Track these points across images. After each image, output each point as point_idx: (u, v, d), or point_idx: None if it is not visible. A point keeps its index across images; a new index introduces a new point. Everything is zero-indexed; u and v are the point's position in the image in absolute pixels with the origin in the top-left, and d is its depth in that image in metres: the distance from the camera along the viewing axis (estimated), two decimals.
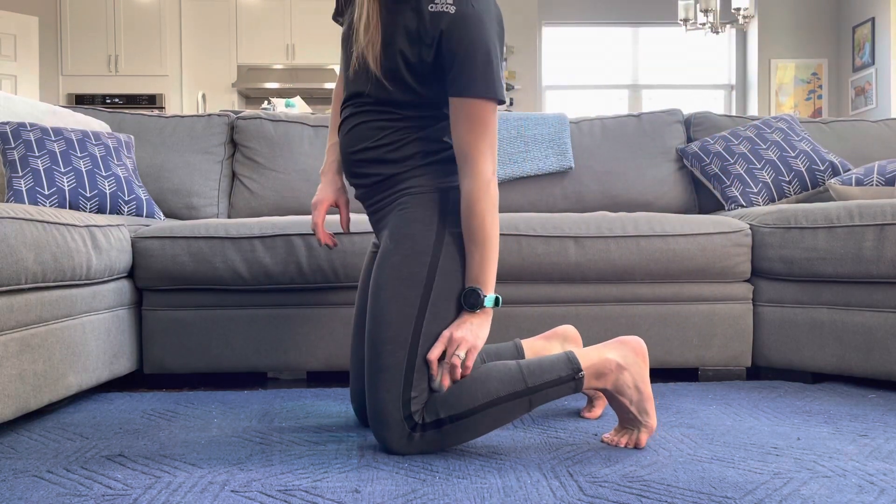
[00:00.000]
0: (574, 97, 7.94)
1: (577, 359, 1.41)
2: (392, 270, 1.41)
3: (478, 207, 1.39)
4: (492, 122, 1.40)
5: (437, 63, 1.39)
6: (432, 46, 1.38)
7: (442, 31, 1.36)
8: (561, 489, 1.19)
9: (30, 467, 1.32)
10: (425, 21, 1.38)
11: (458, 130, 1.41)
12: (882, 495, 1.16)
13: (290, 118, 2.76)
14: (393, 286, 1.40)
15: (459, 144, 1.41)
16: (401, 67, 1.41)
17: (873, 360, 1.95)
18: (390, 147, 1.47)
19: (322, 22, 7.30)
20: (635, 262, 2.07)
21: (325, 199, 1.66)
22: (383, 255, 1.44)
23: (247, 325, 2.04)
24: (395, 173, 1.48)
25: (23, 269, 1.49)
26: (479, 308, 1.40)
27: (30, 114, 2.34)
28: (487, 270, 1.41)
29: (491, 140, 1.40)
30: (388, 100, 1.45)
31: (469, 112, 1.39)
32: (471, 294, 1.40)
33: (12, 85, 6.71)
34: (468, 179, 1.40)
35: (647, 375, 1.44)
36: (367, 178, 1.51)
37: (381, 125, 1.47)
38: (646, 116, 2.85)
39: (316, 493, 1.17)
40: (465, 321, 1.40)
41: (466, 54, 1.35)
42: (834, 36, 7.45)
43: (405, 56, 1.40)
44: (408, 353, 1.36)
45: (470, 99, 1.38)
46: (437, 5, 1.37)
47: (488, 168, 1.40)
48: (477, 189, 1.39)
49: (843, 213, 1.99)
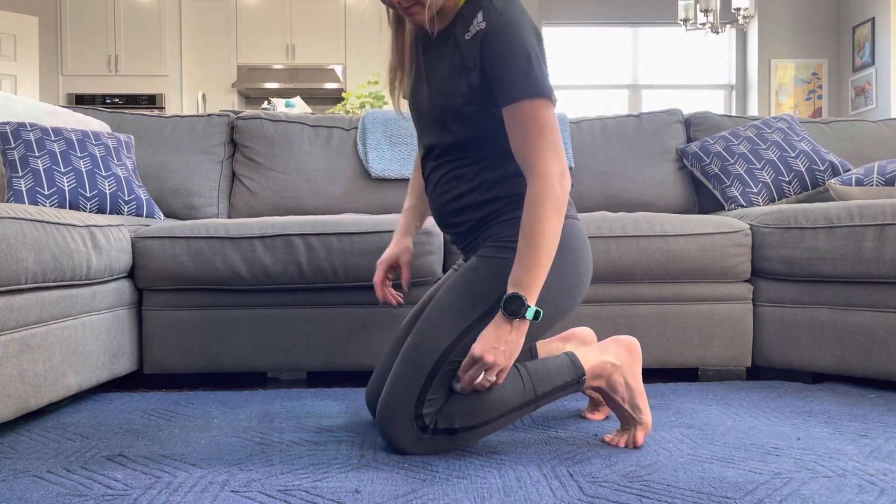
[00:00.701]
0: (574, 97, 7.93)
1: (580, 363, 1.43)
2: (466, 284, 1.41)
3: (537, 208, 1.31)
4: (547, 122, 1.33)
5: (485, 84, 1.37)
6: (476, 69, 1.37)
7: (481, 48, 1.35)
8: (561, 489, 1.19)
9: (30, 467, 1.32)
10: (464, 50, 1.39)
11: (515, 140, 1.35)
12: (882, 495, 1.16)
13: (290, 118, 2.76)
14: (459, 297, 1.40)
15: (518, 153, 1.36)
16: (457, 102, 1.40)
17: (873, 360, 1.95)
18: (477, 191, 1.46)
19: (322, 22, 7.30)
20: (635, 262, 2.07)
21: (387, 258, 1.68)
22: (468, 268, 1.44)
23: (247, 325, 2.04)
24: (488, 213, 1.46)
25: (23, 269, 1.49)
26: (519, 318, 1.31)
27: (30, 114, 2.34)
28: (535, 277, 1.31)
29: (550, 140, 1.33)
30: (458, 143, 1.45)
31: (520, 117, 1.34)
32: (514, 300, 1.30)
33: (12, 85, 6.71)
34: (531, 181, 1.33)
35: (639, 373, 1.46)
36: (461, 226, 1.51)
37: (461, 172, 1.47)
38: (646, 116, 2.85)
39: (316, 493, 1.17)
40: (500, 339, 1.31)
41: (506, 61, 1.33)
42: (834, 36, 7.45)
43: (457, 89, 1.40)
44: (438, 357, 1.36)
45: (517, 103, 1.33)
46: (471, 30, 1.38)
47: (552, 169, 1.32)
48: (540, 190, 1.32)
49: (843, 213, 1.99)
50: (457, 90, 1.40)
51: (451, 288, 1.43)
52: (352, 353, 2.06)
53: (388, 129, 2.73)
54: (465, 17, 1.41)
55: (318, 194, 2.64)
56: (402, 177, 2.66)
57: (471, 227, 1.49)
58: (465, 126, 1.43)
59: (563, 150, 1.35)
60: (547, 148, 1.33)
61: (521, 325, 1.32)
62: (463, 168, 1.47)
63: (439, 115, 1.45)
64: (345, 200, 2.65)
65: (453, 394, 1.38)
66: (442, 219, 1.54)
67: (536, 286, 1.32)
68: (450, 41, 1.43)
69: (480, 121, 1.42)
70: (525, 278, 1.31)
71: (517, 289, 1.31)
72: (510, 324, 1.31)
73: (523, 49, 1.33)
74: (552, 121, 1.34)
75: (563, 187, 1.33)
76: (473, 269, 1.43)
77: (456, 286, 1.42)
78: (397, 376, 1.38)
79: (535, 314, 1.32)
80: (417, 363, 1.37)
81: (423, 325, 1.41)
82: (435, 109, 1.45)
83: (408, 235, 1.71)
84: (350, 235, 2.01)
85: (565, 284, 1.42)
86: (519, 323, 1.32)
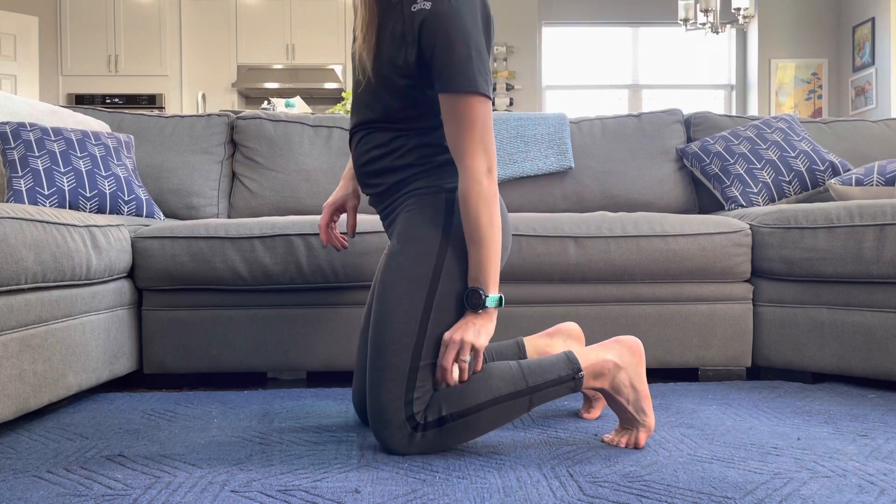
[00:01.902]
0: (574, 97, 7.93)
1: (576, 359, 1.42)
2: (398, 271, 1.41)
3: (470, 206, 1.36)
4: (479, 117, 1.36)
5: (421, 63, 1.38)
6: (414, 46, 1.38)
7: (420, 28, 1.36)
8: (561, 489, 1.19)
9: (30, 467, 1.32)
10: (407, 22, 1.38)
11: (447, 128, 1.39)
12: (882, 495, 1.16)
13: (290, 118, 2.76)
14: (398, 286, 1.40)
15: (450, 142, 1.40)
16: (392, 72, 1.41)
17: (873, 360, 1.95)
18: (394, 155, 1.48)
19: (322, 22, 7.30)
20: (635, 262, 2.07)
21: (332, 202, 1.71)
22: (390, 256, 1.45)
23: (247, 325, 2.04)
24: (401, 178, 1.49)
25: (23, 269, 1.49)
26: (482, 309, 1.37)
27: (30, 114, 2.34)
28: (488, 270, 1.37)
29: (481, 136, 1.37)
30: (387, 108, 1.46)
31: (454, 108, 1.36)
32: (472, 294, 1.38)
33: (12, 85, 6.71)
34: (460, 178, 1.38)
35: (644, 374, 1.45)
36: (377, 187, 1.53)
37: (384, 137, 1.49)
38: (646, 116, 2.85)
39: (316, 493, 1.17)
40: (468, 323, 1.38)
41: (444, 50, 1.34)
42: (834, 36, 7.45)
43: (394, 59, 1.41)
44: (412, 354, 1.36)
45: (452, 94, 1.36)
46: (416, 4, 1.37)
47: (479, 165, 1.37)
48: (468, 187, 1.37)
49: (843, 213, 1.99)
50: (394, 61, 1.41)
51: (386, 280, 1.42)
52: (352, 353, 2.06)
53: None
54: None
55: (318, 194, 2.64)
56: None
57: (385, 189, 1.52)
58: (399, 96, 1.44)
59: (492, 146, 1.39)
60: (476, 143, 1.37)
61: (487, 313, 1.39)
62: (388, 132, 1.48)
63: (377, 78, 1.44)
64: None
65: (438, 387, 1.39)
66: (361, 178, 1.56)
67: (492, 275, 1.38)
68: (397, 7, 1.42)
69: (412, 95, 1.43)
70: (478, 272, 1.38)
71: (475, 283, 1.38)
72: (475, 314, 1.39)
73: (463, 41, 1.34)
74: (484, 116, 1.37)
75: (490, 181, 1.37)
76: (397, 254, 1.43)
77: (390, 277, 1.42)
78: (376, 382, 1.38)
79: (498, 301, 1.39)
80: (393, 365, 1.36)
81: (378, 325, 1.40)
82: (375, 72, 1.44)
83: (354, 180, 1.72)
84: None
85: None
86: (483, 312, 1.39)
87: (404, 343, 1.37)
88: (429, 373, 1.38)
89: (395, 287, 1.40)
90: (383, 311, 1.40)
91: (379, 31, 1.44)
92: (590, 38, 7.92)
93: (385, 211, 1.56)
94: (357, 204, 1.72)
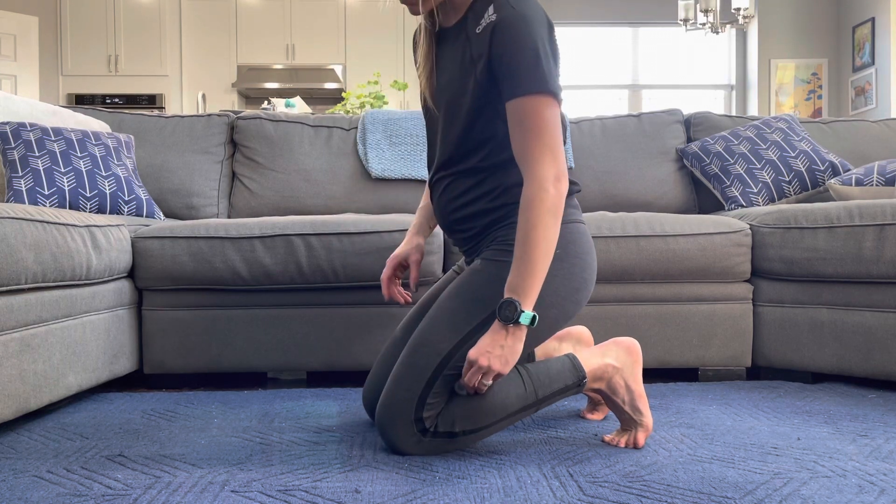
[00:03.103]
0: (574, 97, 7.93)
1: (581, 366, 1.43)
2: (470, 287, 1.40)
3: (531, 213, 1.29)
4: (549, 121, 1.31)
5: (491, 77, 1.36)
6: (482, 60, 1.36)
7: (490, 41, 1.34)
8: (561, 489, 1.19)
9: (30, 467, 1.32)
10: (474, 43, 1.38)
11: (514, 136, 1.33)
12: (882, 495, 1.16)
13: (290, 118, 2.76)
14: (463, 300, 1.39)
15: (516, 150, 1.34)
16: (462, 96, 1.40)
17: (873, 360, 1.95)
18: (488, 198, 1.45)
19: (322, 22, 7.30)
20: (635, 262, 2.07)
21: (396, 255, 1.67)
22: (472, 270, 1.43)
23: (247, 325, 2.04)
24: (494, 219, 1.46)
25: (23, 269, 1.49)
26: (513, 323, 1.28)
27: (30, 114, 2.34)
28: (530, 282, 1.29)
29: (549, 140, 1.31)
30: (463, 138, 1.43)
31: (522, 113, 1.32)
32: (507, 306, 1.28)
33: (12, 85, 6.71)
34: (526, 183, 1.31)
35: (640, 375, 1.46)
36: (467, 232, 1.50)
37: (473, 181, 1.45)
38: (646, 116, 2.85)
39: (316, 493, 1.17)
40: (496, 344, 1.29)
41: (513, 55, 1.31)
42: (834, 36, 7.45)
43: (465, 84, 1.39)
44: (440, 360, 1.36)
45: (520, 98, 1.31)
46: (482, 23, 1.37)
47: (546, 172, 1.30)
48: (532, 194, 1.30)
49: (843, 213, 1.99)
50: (464, 84, 1.40)
51: (454, 291, 1.42)
52: (352, 353, 2.06)
53: (388, 129, 2.73)
54: (476, 10, 1.40)
55: (318, 194, 2.64)
56: (402, 177, 2.66)
57: (476, 232, 1.49)
58: (471, 120, 1.41)
59: (562, 152, 1.33)
60: (544, 149, 1.31)
61: (518, 331, 1.30)
62: (473, 174, 1.45)
63: (447, 109, 1.44)
64: (345, 200, 2.65)
65: (454, 397, 1.37)
66: (448, 226, 1.53)
67: (533, 291, 1.29)
68: (461, 36, 1.42)
69: (486, 116, 1.40)
70: (520, 284, 1.29)
71: (513, 294, 1.29)
72: (506, 329, 1.29)
73: (532, 43, 1.31)
74: (554, 120, 1.32)
75: (557, 190, 1.30)
76: (477, 272, 1.42)
77: (459, 289, 1.42)
78: (398, 378, 1.38)
79: (532, 319, 1.29)
80: (419, 366, 1.36)
81: (425, 327, 1.40)
82: (443, 102, 1.45)
83: (420, 234, 1.69)
84: (350, 235, 2.01)
85: (570, 289, 1.42)
86: (515, 329, 1.29)
87: (438, 349, 1.36)
88: (448, 382, 1.37)
89: (459, 298, 1.40)
90: (437, 316, 1.40)
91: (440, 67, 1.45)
92: (590, 38, 7.92)
93: (472, 250, 1.53)
94: (421, 259, 1.66)
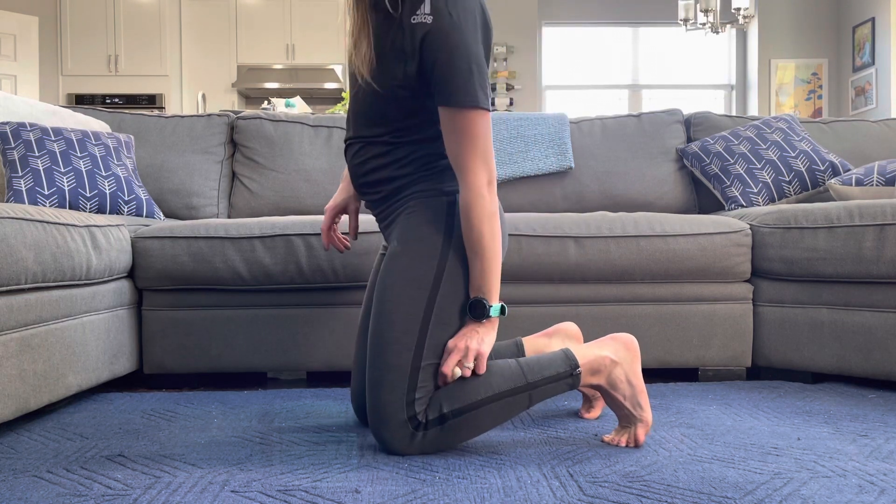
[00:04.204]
0: (574, 97, 7.93)
1: (574, 356, 1.43)
2: (399, 272, 1.41)
3: (473, 218, 1.38)
4: (480, 132, 1.37)
5: (422, 75, 1.38)
6: (414, 58, 1.37)
7: (421, 43, 1.35)
8: (561, 489, 1.19)
9: (30, 467, 1.32)
10: (407, 34, 1.38)
11: (448, 141, 1.40)
12: (882, 495, 1.16)
13: (290, 118, 2.76)
14: (400, 287, 1.40)
15: (451, 156, 1.41)
16: (391, 82, 1.41)
17: (873, 360, 1.95)
18: (395, 166, 1.48)
19: (322, 22, 7.29)
20: (635, 262, 2.07)
21: (334, 205, 1.71)
22: (391, 257, 1.45)
23: (247, 325, 2.04)
24: (401, 184, 1.49)
25: (23, 269, 1.49)
26: (486, 318, 1.40)
27: (30, 114, 2.34)
28: (490, 279, 1.39)
29: (482, 150, 1.38)
30: (386, 118, 1.46)
31: (455, 123, 1.37)
32: (476, 305, 1.39)
33: (12, 85, 6.71)
34: (462, 190, 1.39)
35: (639, 370, 1.46)
36: (376, 194, 1.53)
37: (383, 149, 1.48)
38: (646, 116, 2.85)
39: (316, 493, 1.17)
40: (471, 331, 1.39)
41: (446, 65, 1.34)
42: (834, 36, 7.45)
43: (393, 71, 1.40)
44: (413, 355, 1.37)
45: (454, 109, 1.36)
46: (417, 17, 1.37)
47: (480, 178, 1.38)
48: (470, 201, 1.38)
49: (843, 213, 1.99)
50: (393, 72, 1.40)
51: (388, 281, 1.42)
52: (352, 353, 2.06)
53: None
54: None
55: (318, 194, 2.64)
56: None
57: (384, 196, 1.52)
58: (394, 107, 1.44)
59: (492, 157, 1.40)
60: (477, 157, 1.38)
61: (490, 322, 1.42)
62: (381, 145, 1.48)
63: (369, 84, 1.44)
64: None
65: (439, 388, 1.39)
66: (358, 187, 1.56)
67: (494, 286, 1.40)
68: (395, 19, 1.41)
69: (409, 105, 1.43)
70: (481, 282, 1.39)
71: (478, 293, 1.40)
72: (479, 323, 1.41)
73: (465, 57, 1.34)
74: (485, 130, 1.39)
75: (491, 194, 1.39)
76: (399, 255, 1.43)
77: (391, 278, 1.42)
78: (377, 381, 1.38)
79: (501, 309, 1.41)
80: (394, 366, 1.36)
81: (379, 325, 1.40)
82: (368, 76, 1.44)
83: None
84: None
85: None
86: (486, 321, 1.41)
87: (405, 343, 1.37)
88: (430, 374, 1.38)
89: (396, 287, 1.40)
90: (384, 311, 1.40)
91: (376, 40, 1.43)
92: (590, 38, 7.92)
93: (382, 214, 1.56)
94: (358, 206, 1.72)
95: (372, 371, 1.39)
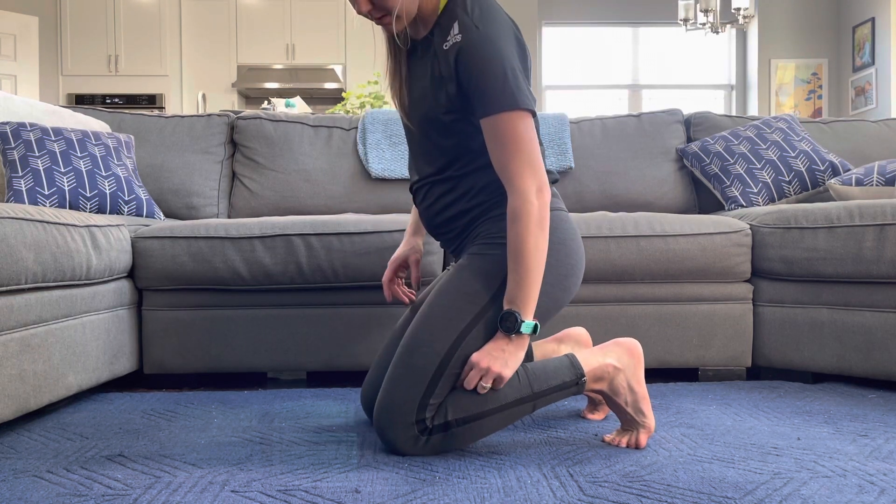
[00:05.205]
0: (574, 97, 7.93)
1: (579, 364, 1.43)
2: (460, 282, 1.41)
3: (518, 226, 1.33)
4: (524, 135, 1.34)
5: (462, 96, 1.39)
6: (453, 80, 1.38)
7: (456, 62, 1.36)
8: (561, 489, 1.19)
9: (30, 467, 1.32)
10: (442, 60, 1.39)
11: (493, 153, 1.37)
12: (882, 495, 1.16)
13: (290, 118, 2.76)
14: (453, 297, 1.40)
15: (496, 165, 1.37)
16: (437, 111, 1.42)
17: (873, 360, 1.95)
18: (464, 200, 1.48)
19: (322, 22, 7.29)
20: (635, 262, 2.07)
21: (396, 257, 1.70)
22: (459, 266, 1.45)
23: (247, 325, 2.04)
24: (475, 216, 1.48)
25: (23, 269, 1.49)
26: (515, 333, 1.34)
27: (30, 114, 2.34)
28: (527, 293, 1.34)
29: (527, 155, 1.34)
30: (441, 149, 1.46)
31: (497, 130, 1.35)
32: (508, 317, 1.34)
33: (12, 85, 6.71)
34: (510, 197, 1.36)
35: (642, 376, 1.46)
36: (451, 232, 1.53)
37: (449, 185, 1.48)
38: (646, 116, 2.85)
39: (316, 493, 1.17)
40: (498, 349, 1.35)
41: (482, 76, 1.34)
42: (834, 36, 7.45)
43: (438, 98, 1.41)
44: (440, 361, 1.36)
45: (494, 116, 1.34)
46: (448, 41, 1.38)
47: (527, 184, 1.34)
48: (516, 206, 1.34)
49: (843, 213, 1.99)
50: (437, 100, 1.42)
51: (445, 288, 1.43)
52: (352, 353, 2.06)
53: (388, 129, 2.73)
54: (442, 26, 1.41)
55: (318, 194, 2.64)
56: (402, 177, 2.66)
57: (458, 232, 1.52)
58: (446, 135, 1.44)
59: (540, 163, 1.36)
60: (523, 163, 1.34)
61: (520, 340, 1.36)
62: (447, 181, 1.48)
63: (421, 124, 1.46)
64: (345, 200, 2.65)
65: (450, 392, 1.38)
66: (432, 230, 1.57)
67: (531, 301, 1.35)
68: (429, 51, 1.44)
69: (461, 130, 1.43)
70: (518, 295, 1.34)
71: (511, 305, 1.35)
72: (508, 338, 1.36)
73: (499, 63, 1.34)
74: (528, 133, 1.35)
75: (540, 201, 1.35)
76: (465, 268, 1.43)
77: (449, 286, 1.42)
78: (396, 379, 1.38)
79: (534, 328, 1.35)
80: (417, 367, 1.36)
81: (418, 326, 1.40)
82: (417, 117, 1.46)
83: (417, 235, 1.72)
84: (350, 235, 2.01)
85: (558, 277, 1.44)
86: (517, 337, 1.35)
87: (435, 349, 1.36)
88: (450, 383, 1.37)
89: (450, 296, 1.40)
90: (429, 314, 1.40)
91: (417, 82, 1.45)
92: (590, 38, 7.92)
93: (459, 248, 1.55)
94: (420, 258, 1.71)
95: (395, 369, 1.39)
